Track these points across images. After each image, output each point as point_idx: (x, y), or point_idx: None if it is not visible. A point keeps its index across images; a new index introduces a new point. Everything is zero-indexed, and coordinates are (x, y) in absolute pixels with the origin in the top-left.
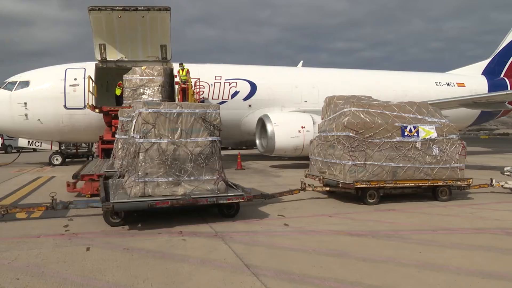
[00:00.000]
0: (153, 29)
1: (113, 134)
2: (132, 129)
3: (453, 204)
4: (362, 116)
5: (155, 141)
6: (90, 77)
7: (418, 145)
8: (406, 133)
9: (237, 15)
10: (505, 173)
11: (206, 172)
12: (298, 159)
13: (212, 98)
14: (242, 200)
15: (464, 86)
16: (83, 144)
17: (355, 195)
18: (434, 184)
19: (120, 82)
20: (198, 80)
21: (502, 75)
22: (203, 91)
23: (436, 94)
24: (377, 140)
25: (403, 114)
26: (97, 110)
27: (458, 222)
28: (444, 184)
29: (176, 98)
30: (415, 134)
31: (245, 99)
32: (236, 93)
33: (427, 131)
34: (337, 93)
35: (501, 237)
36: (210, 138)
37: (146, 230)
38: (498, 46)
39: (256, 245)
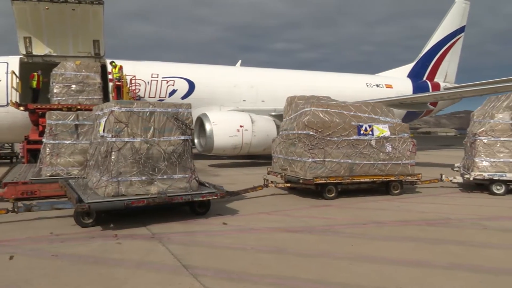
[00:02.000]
0: (85, 23)
1: (40, 134)
2: (102, 128)
3: (383, 199)
4: (322, 116)
5: (128, 140)
6: (13, 72)
7: (373, 143)
8: (362, 132)
9: (176, 12)
10: (455, 169)
11: (179, 171)
12: (237, 158)
13: (149, 97)
14: (216, 197)
15: (392, 88)
16: (6, 145)
17: (315, 190)
18: (387, 179)
19: (34, 73)
20: (134, 78)
21: (424, 78)
22: (139, 89)
23: (367, 94)
24: (335, 138)
25: (359, 114)
26: (21, 108)
27: (387, 215)
28: (396, 179)
29: (110, 96)
30: (370, 132)
31: (183, 97)
32: (173, 91)
33: (381, 130)
34: (276, 93)
35: (424, 228)
36: (182, 137)
37: (77, 235)
38: (422, 50)
39: (195, 245)
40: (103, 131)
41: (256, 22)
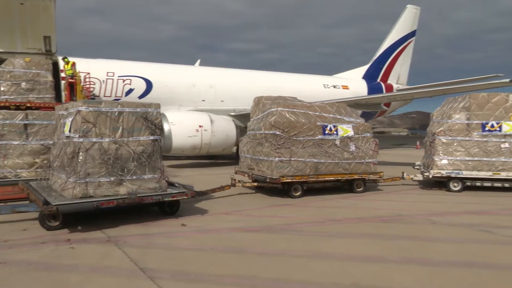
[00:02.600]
0: (35, 18)
1: None
2: (68, 128)
3: (339, 197)
4: (288, 116)
5: (96, 141)
6: None
7: (337, 142)
8: (327, 132)
9: (134, 9)
10: (416, 167)
11: (148, 171)
12: (196, 158)
13: (104, 96)
14: (186, 197)
15: (348, 89)
16: None
17: (281, 189)
18: (351, 177)
19: None
20: (88, 75)
21: (378, 80)
22: (94, 88)
23: (324, 95)
24: (301, 138)
25: (324, 114)
26: None
27: (344, 213)
28: (360, 177)
29: (63, 94)
30: (335, 132)
31: (141, 97)
32: (130, 90)
33: (345, 130)
34: (235, 93)
35: (379, 224)
36: (151, 137)
37: (27, 240)
38: (376, 53)
39: (153, 247)
40: (69, 131)
41: (216, 21)
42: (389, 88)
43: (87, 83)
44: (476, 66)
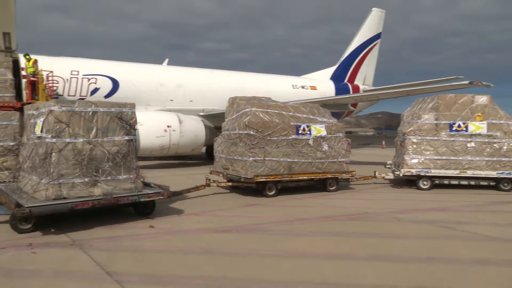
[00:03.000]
0: None
1: None
2: (40, 129)
3: (308, 197)
4: (262, 116)
5: (70, 141)
6: None
7: (310, 142)
8: (300, 132)
9: (100, 6)
10: (387, 166)
11: (124, 171)
12: (165, 158)
13: (68, 95)
14: (162, 197)
15: (316, 89)
16: None
17: (256, 189)
18: (324, 176)
19: None
20: (51, 74)
21: (345, 81)
22: (57, 86)
23: (293, 95)
24: (275, 138)
25: (298, 114)
26: None
27: (312, 212)
28: (332, 176)
29: (24, 92)
30: (308, 132)
31: (107, 96)
32: (96, 90)
33: (318, 130)
34: (204, 93)
35: (346, 222)
36: (126, 137)
37: None
38: (343, 54)
39: (120, 250)
40: (41, 131)
41: (185, 20)
42: (356, 89)
43: (50, 81)
44: (438, 68)
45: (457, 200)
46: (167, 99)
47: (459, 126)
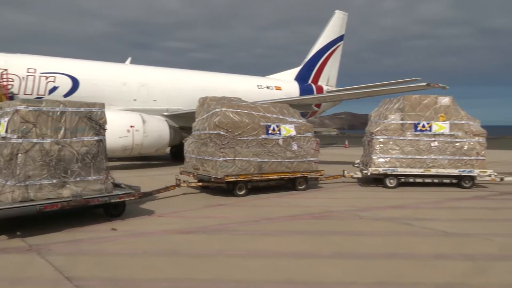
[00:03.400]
0: None
1: None
2: (4, 129)
3: (274, 196)
4: (232, 116)
5: (37, 141)
6: None
7: (280, 142)
8: (270, 132)
9: (59, 2)
10: (355, 165)
11: (93, 172)
12: (128, 159)
13: (25, 94)
14: (133, 198)
15: (281, 90)
16: None
17: (226, 188)
18: (294, 176)
19: None
20: (6, 72)
21: (310, 81)
22: (12, 85)
23: (258, 96)
24: (245, 138)
25: (268, 115)
26: None
27: (278, 211)
28: (302, 176)
29: None
30: (278, 132)
31: (66, 95)
32: (54, 88)
33: (288, 130)
34: (169, 93)
35: (310, 221)
36: (96, 138)
37: None
38: (307, 55)
39: (80, 254)
40: (5, 131)
41: (149, 19)
42: (320, 89)
43: (5, 80)
44: (399, 69)
45: (416, 198)
46: (130, 98)
47: (423, 126)
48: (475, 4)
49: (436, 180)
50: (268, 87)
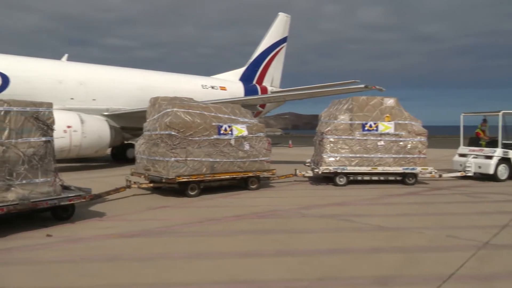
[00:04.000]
0: None
1: None
2: None
3: (219, 196)
4: (183, 116)
5: None
6: None
7: (232, 142)
8: (222, 132)
9: None
10: (307, 164)
11: (41, 174)
12: (66, 161)
13: None
14: (84, 200)
15: (226, 90)
16: None
17: (178, 189)
18: (246, 175)
19: None
20: None
21: (254, 82)
22: None
23: (202, 96)
24: (197, 138)
25: (219, 115)
26: None
27: (222, 212)
28: (254, 175)
29: None
30: (230, 132)
31: None
32: None
33: (240, 130)
34: (109, 92)
35: (255, 220)
36: (43, 138)
37: None
38: (251, 56)
39: (12, 263)
40: None
41: (88, 13)
42: (264, 90)
43: None
44: (339, 71)
45: (355, 195)
46: (67, 97)
47: (370, 126)
48: (409, 11)
49: (382, 178)
50: (213, 87)
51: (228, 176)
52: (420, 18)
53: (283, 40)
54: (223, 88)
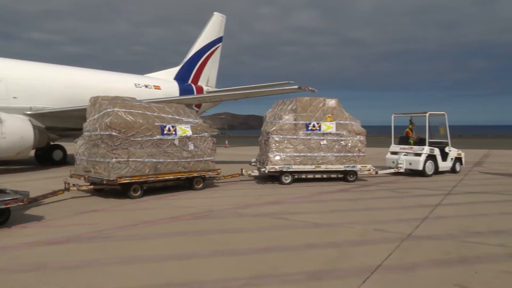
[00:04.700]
0: None
1: None
2: None
3: (152, 198)
4: (124, 116)
5: None
6: None
7: (176, 142)
8: (165, 132)
9: None
10: (252, 164)
11: None
12: None
13: None
14: (22, 204)
15: (160, 89)
16: None
17: (121, 190)
18: (191, 175)
19: None
20: None
21: (189, 81)
22: None
23: (135, 95)
24: (139, 139)
25: (163, 115)
26: None
27: (157, 214)
28: (199, 175)
29: None
30: (174, 132)
31: None
32: None
33: (184, 130)
34: (33, 89)
35: (191, 221)
36: None
37: None
38: (187, 55)
39: None
40: None
41: (8, 4)
42: (200, 90)
43: None
44: (275, 72)
45: (290, 193)
46: None
47: (313, 126)
48: (340, 16)
49: (325, 176)
50: (146, 86)
51: (172, 177)
52: (350, 23)
53: (219, 40)
54: (157, 87)
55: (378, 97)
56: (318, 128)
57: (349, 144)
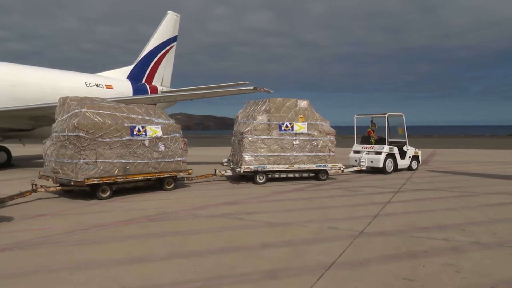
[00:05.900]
0: None
1: None
2: None
3: (105, 202)
4: (93, 117)
5: None
6: None
7: (146, 143)
8: (135, 133)
9: None
10: (224, 164)
11: None
12: None
13: None
14: None
15: (112, 89)
16: None
17: (90, 192)
18: (161, 176)
19: None
20: None
21: (143, 81)
22: None
23: (86, 94)
24: (108, 139)
25: (132, 116)
26: None
27: (110, 217)
28: (169, 175)
29: None
30: (144, 133)
31: None
32: None
33: (154, 130)
34: None
35: (146, 224)
36: None
37: None
38: (140, 54)
39: None
40: None
41: None
42: (154, 89)
43: None
44: (230, 73)
45: (246, 193)
46: None
47: (286, 126)
48: (294, 18)
49: (297, 175)
50: (98, 85)
51: (142, 177)
52: (304, 26)
53: (173, 39)
54: (109, 87)
55: (331, 98)
56: (291, 129)
57: (320, 144)
